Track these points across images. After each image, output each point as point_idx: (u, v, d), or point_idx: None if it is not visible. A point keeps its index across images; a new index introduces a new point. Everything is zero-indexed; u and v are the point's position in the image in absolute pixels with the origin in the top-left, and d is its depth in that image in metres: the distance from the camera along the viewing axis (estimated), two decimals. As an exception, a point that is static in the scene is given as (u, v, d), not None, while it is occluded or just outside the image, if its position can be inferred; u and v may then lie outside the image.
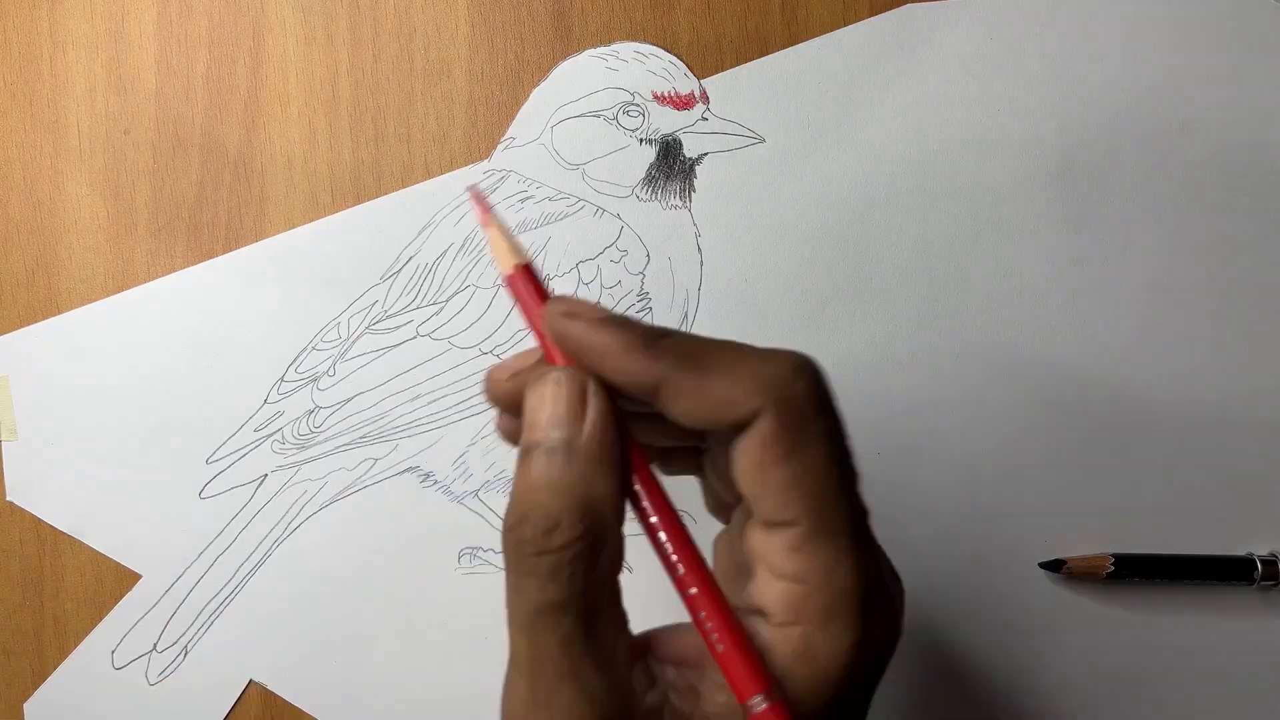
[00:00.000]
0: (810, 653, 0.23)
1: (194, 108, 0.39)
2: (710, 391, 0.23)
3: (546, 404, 0.24)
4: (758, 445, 0.23)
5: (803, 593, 0.23)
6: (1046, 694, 0.38)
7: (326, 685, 0.39)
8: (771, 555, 0.24)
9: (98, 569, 0.39)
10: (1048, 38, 0.38)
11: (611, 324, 0.24)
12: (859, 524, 0.24)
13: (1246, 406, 0.38)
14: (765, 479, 0.23)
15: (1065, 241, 0.38)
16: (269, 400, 0.39)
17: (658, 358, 0.24)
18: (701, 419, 0.24)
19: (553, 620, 0.23)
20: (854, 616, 0.23)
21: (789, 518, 0.23)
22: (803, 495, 0.23)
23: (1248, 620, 0.38)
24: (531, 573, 0.23)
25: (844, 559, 0.23)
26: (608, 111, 0.38)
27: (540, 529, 0.23)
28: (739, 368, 0.24)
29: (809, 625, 0.23)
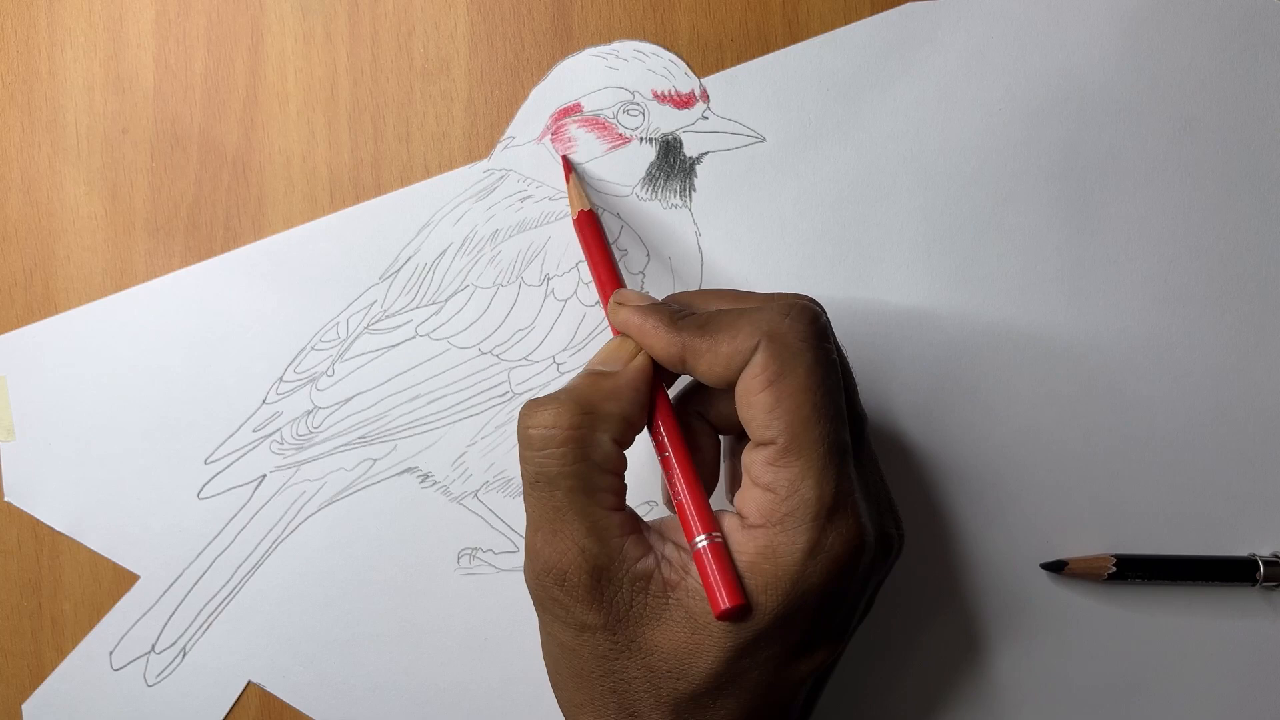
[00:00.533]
0: (771, 550, 0.28)
1: (192, 106, 0.39)
2: (721, 349, 0.29)
3: (611, 349, 0.32)
4: (749, 374, 0.29)
5: (772, 500, 0.28)
6: (1048, 695, 0.38)
7: (325, 686, 0.39)
8: (754, 467, 0.29)
9: (96, 569, 0.39)
10: (1049, 37, 0.38)
11: (646, 309, 0.31)
12: (829, 448, 0.28)
13: (1248, 406, 0.38)
14: (753, 402, 0.28)
15: (1066, 241, 0.38)
16: (268, 400, 0.39)
17: (679, 332, 0.30)
18: (720, 375, 0.29)
19: (547, 490, 0.29)
20: (810, 524, 0.28)
21: (770, 436, 0.28)
22: (781, 416, 0.28)
23: (1250, 621, 0.38)
24: (529, 444, 0.29)
25: (809, 474, 0.28)
26: (608, 111, 0.38)
27: (546, 411, 0.29)
28: (740, 323, 0.29)
29: (773, 528, 0.28)
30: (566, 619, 0.29)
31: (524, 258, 0.38)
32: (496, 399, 0.38)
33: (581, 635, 0.29)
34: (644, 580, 0.29)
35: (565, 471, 0.29)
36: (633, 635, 0.29)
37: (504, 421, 0.38)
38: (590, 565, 0.29)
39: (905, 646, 0.38)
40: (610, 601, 0.29)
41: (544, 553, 0.29)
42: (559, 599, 0.29)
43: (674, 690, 0.29)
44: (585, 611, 0.29)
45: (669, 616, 0.29)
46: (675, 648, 0.28)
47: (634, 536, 0.30)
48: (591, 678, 0.29)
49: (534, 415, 0.30)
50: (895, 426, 0.38)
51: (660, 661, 0.29)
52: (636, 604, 0.29)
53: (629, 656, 0.29)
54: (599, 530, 0.29)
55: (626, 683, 0.29)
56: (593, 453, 0.29)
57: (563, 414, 0.29)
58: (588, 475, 0.29)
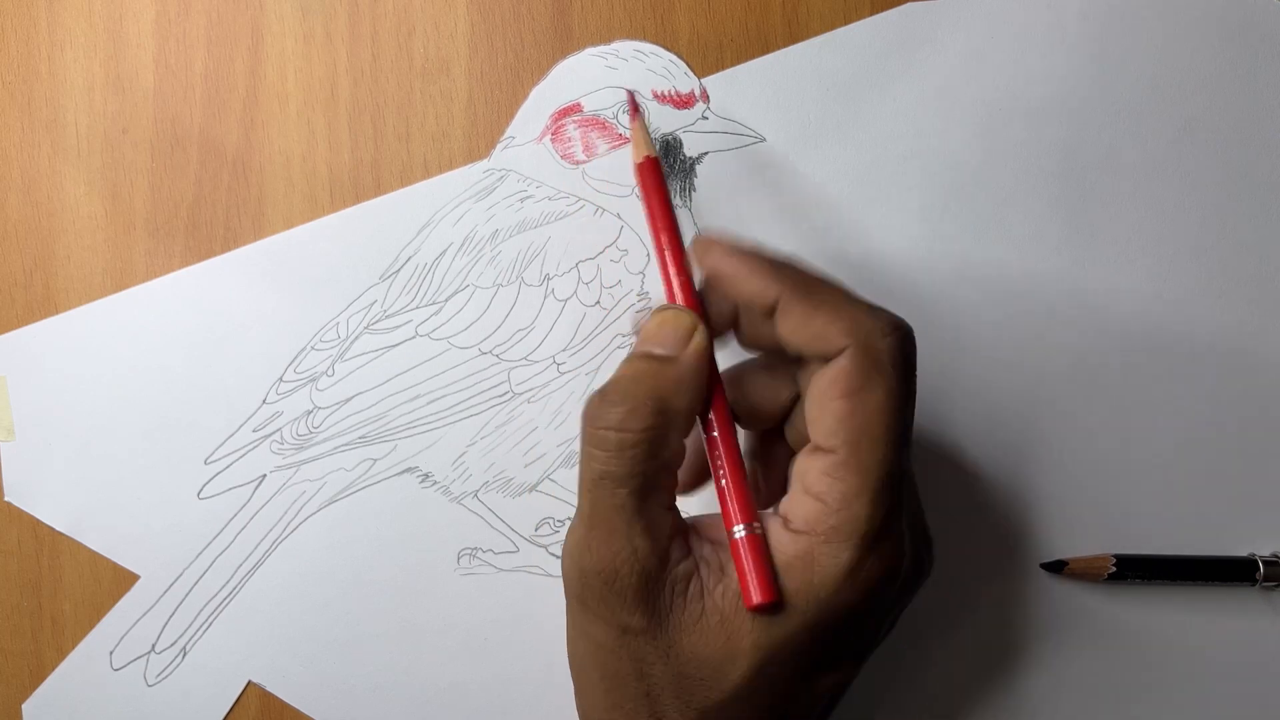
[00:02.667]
0: (809, 559, 0.27)
1: (192, 106, 0.39)
2: (815, 322, 0.28)
3: (666, 326, 0.30)
4: (830, 376, 0.28)
5: (821, 511, 0.28)
6: (1048, 695, 0.38)
7: (325, 686, 0.39)
8: (808, 474, 0.28)
9: (96, 569, 0.39)
10: (1049, 37, 0.38)
11: (743, 250, 0.30)
12: (890, 472, 0.28)
13: (1248, 407, 0.38)
14: (825, 406, 0.28)
15: (1066, 241, 0.38)
16: (268, 400, 0.39)
17: (779, 280, 0.29)
18: (798, 342, 0.29)
19: (612, 488, 0.28)
20: (856, 542, 0.27)
21: (833, 445, 0.28)
22: (850, 429, 0.27)
23: (1250, 621, 0.38)
24: (602, 445, 0.28)
25: (864, 493, 0.27)
26: (608, 110, 0.38)
27: (620, 410, 0.28)
28: (843, 310, 0.28)
29: (817, 538, 0.27)
30: (610, 619, 0.29)
31: (524, 258, 0.38)
32: (496, 399, 0.38)
33: (623, 638, 0.29)
34: (684, 583, 0.28)
35: (635, 472, 0.28)
36: (671, 640, 0.28)
37: (504, 421, 0.38)
38: (641, 567, 0.28)
39: (905, 646, 0.38)
40: (655, 605, 0.28)
41: (597, 550, 0.28)
42: (605, 598, 0.28)
43: (704, 699, 0.28)
44: (631, 614, 0.28)
45: (705, 622, 0.28)
46: (710, 655, 0.28)
47: (679, 538, 0.29)
48: (625, 681, 0.29)
49: (605, 415, 0.29)
50: (895, 426, 0.38)
51: (695, 669, 0.28)
52: (676, 608, 0.28)
53: (665, 662, 0.28)
54: (654, 531, 0.28)
55: (659, 689, 0.29)
56: (663, 452, 0.29)
57: (637, 416, 0.28)
58: (654, 475, 0.28)
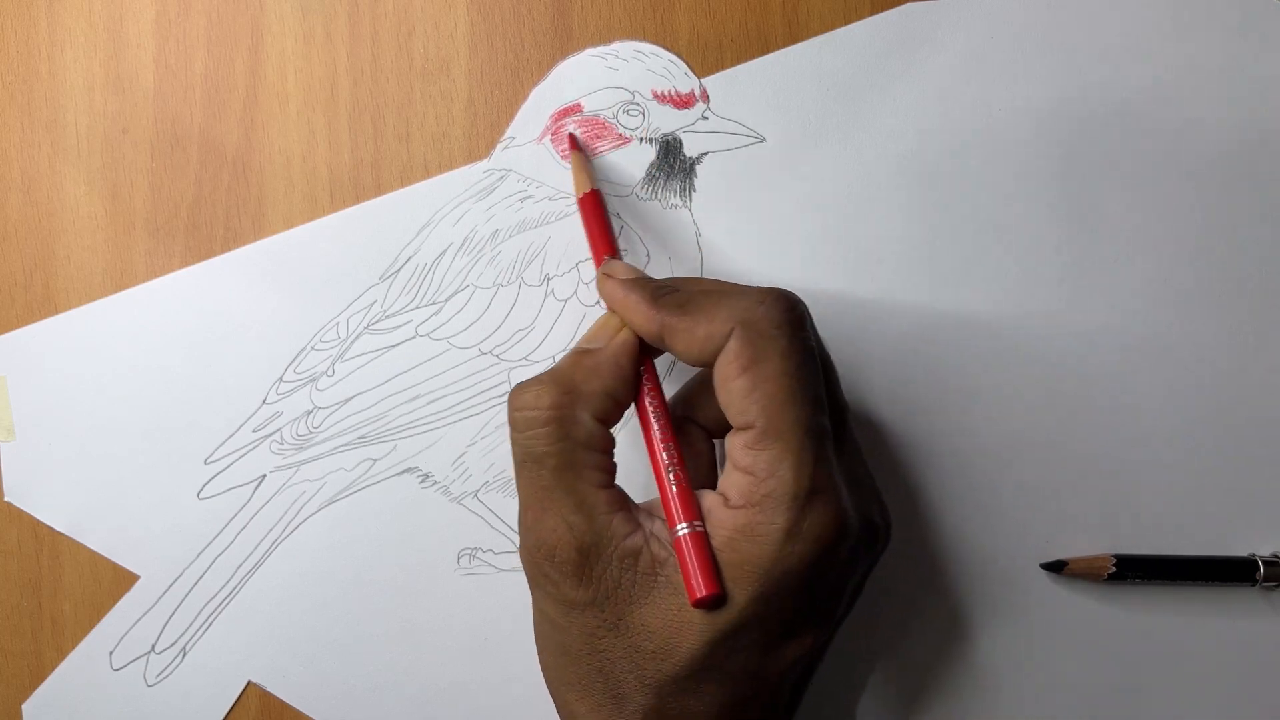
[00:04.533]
0: (750, 530, 0.28)
1: (192, 106, 0.39)
2: (697, 330, 0.30)
3: (597, 326, 0.32)
4: (724, 361, 0.29)
5: (751, 482, 0.29)
6: (1047, 695, 0.38)
7: (325, 686, 0.39)
8: (734, 451, 0.29)
9: (96, 569, 0.39)
10: (1049, 37, 0.38)
11: (631, 283, 0.32)
12: (806, 431, 0.28)
13: (1248, 406, 0.38)
14: (731, 388, 0.29)
15: (1066, 241, 0.38)
16: (267, 400, 0.39)
17: (659, 310, 0.31)
18: (694, 355, 0.30)
19: (534, 469, 0.30)
20: (788, 505, 0.28)
21: (748, 421, 0.29)
22: (758, 400, 0.28)
23: (1250, 621, 0.38)
24: (515, 426, 0.30)
25: (786, 457, 0.28)
26: (608, 111, 0.38)
27: (529, 391, 0.30)
28: (719, 307, 0.30)
29: (752, 509, 0.28)
30: (556, 595, 0.30)
31: (524, 258, 0.38)
32: (496, 399, 0.38)
33: (570, 612, 0.30)
34: (632, 557, 0.29)
35: (550, 450, 0.30)
36: (620, 613, 0.29)
37: (504, 422, 0.38)
38: (578, 542, 0.29)
39: (905, 647, 0.38)
40: (599, 579, 0.29)
41: (534, 530, 0.30)
42: (549, 575, 0.30)
43: (658, 671, 0.29)
44: (574, 588, 0.29)
45: (656, 595, 0.29)
46: (660, 626, 0.29)
47: (622, 514, 0.30)
48: (579, 656, 0.30)
49: (518, 397, 0.30)
50: (895, 426, 0.38)
51: (645, 641, 0.29)
52: (625, 581, 0.29)
53: (615, 635, 0.29)
54: (585, 507, 0.29)
55: (612, 662, 0.29)
56: (576, 431, 0.30)
57: (544, 394, 0.30)
58: (572, 453, 0.30)
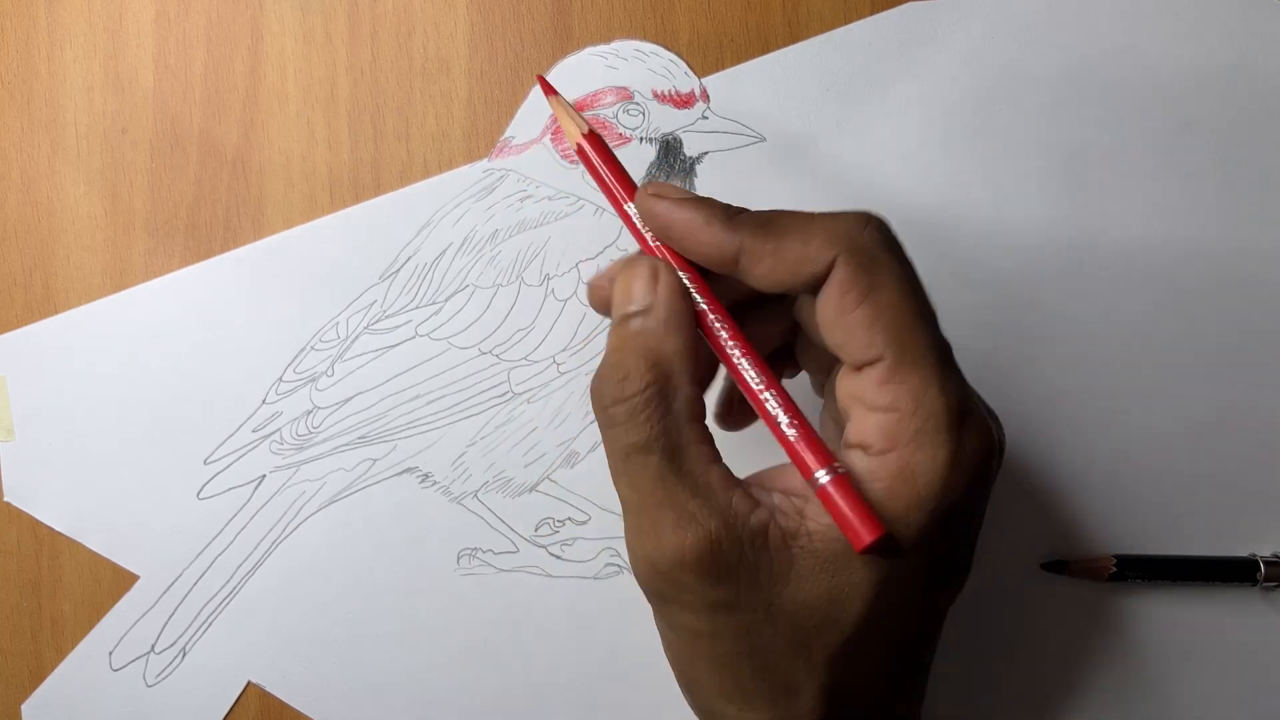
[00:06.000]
0: (908, 472, 0.25)
1: (192, 106, 0.39)
2: (787, 252, 0.26)
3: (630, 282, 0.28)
4: (836, 293, 0.26)
5: (896, 419, 0.25)
6: (1048, 695, 0.38)
7: (325, 686, 0.39)
8: (864, 392, 0.26)
9: (95, 570, 0.39)
10: (1049, 36, 0.38)
11: (694, 202, 0.28)
12: (942, 352, 0.26)
13: (1248, 406, 0.38)
14: (847, 323, 0.26)
15: (1067, 241, 0.38)
16: (267, 400, 0.39)
17: (737, 228, 0.27)
18: (781, 279, 0.26)
19: (640, 459, 0.26)
20: (946, 434, 0.25)
21: (875, 354, 0.26)
22: (884, 330, 0.25)
23: (1250, 621, 0.38)
24: (612, 422, 0.27)
25: (931, 382, 0.25)
26: (608, 110, 0.38)
27: (615, 380, 0.27)
28: (810, 228, 0.26)
29: (905, 447, 0.25)
30: (695, 602, 0.26)
31: (524, 258, 0.38)
32: (496, 399, 0.38)
33: (716, 616, 0.26)
34: (762, 535, 0.26)
35: (655, 434, 0.26)
36: (769, 600, 0.26)
37: (504, 421, 0.38)
38: (705, 533, 0.25)
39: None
40: (737, 570, 0.26)
41: (653, 531, 0.26)
42: (684, 581, 0.26)
43: (827, 646, 0.26)
44: (713, 588, 0.26)
45: (800, 568, 0.26)
46: (818, 599, 0.26)
47: (738, 490, 0.26)
48: (734, 661, 0.26)
49: (604, 392, 0.27)
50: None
51: (805, 619, 0.26)
52: (763, 564, 0.26)
53: (770, 624, 0.26)
54: (704, 489, 0.26)
55: (774, 655, 0.26)
56: (678, 403, 0.27)
57: (633, 378, 0.26)
58: (679, 430, 0.26)
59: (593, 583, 0.38)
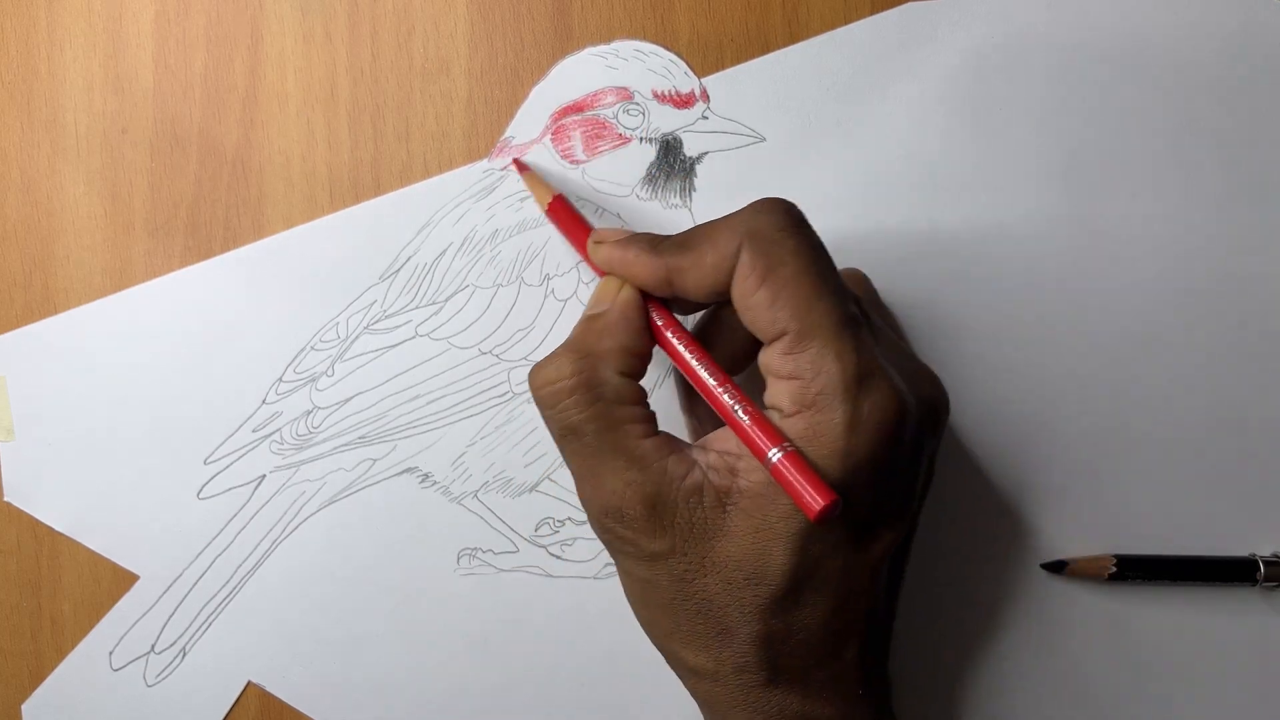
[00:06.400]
0: (813, 432, 0.28)
1: (192, 106, 0.39)
2: (705, 260, 0.29)
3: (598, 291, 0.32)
4: (740, 277, 0.29)
5: (800, 386, 0.28)
6: (1048, 695, 0.38)
7: (325, 686, 0.39)
8: (773, 363, 0.29)
9: (95, 569, 0.39)
10: (1049, 37, 0.38)
11: (625, 241, 0.32)
12: (838, 320, 0.28)
13: (1248, 406, 0.38)
14: (752, 303, 0.29)
15: (1067, 241, 0.38)
16: (267, 400, 0.39)
17: (661, 253, 0.30)
18: (707, 286, 0.30)
19: (575, 440, 0.30)
20: (843, 396, 0.28)
21: (780, 329, 0.28)
22: (784, 305, 0.28)
23: (1251, 621, 0.38)
24: (544, 404, 0.30)
25: (827, 350, 0.28)
26: (608, 110, 0.38)
27: (545, 369, 0.30)
28: (718, 231, 0.29)
29: (809, 410, 0.28)
30: (636, 553, 0.30)
31: (524, 258, 0.38)
32: (496, 399, 0.38)
33: (655, 565, 0.30)
34: (696, 494, 0.29)
35: (585, 416, 0.30)
36: (702, 552, 0.29)
37: (504, 421, 0.38)
38: (640, 494, 0.29)
39: (905, 647, 0.38)
40: (671, 524, 0.29)
41: (595, 498, 0.30)
42: (623, 535, 0.30)
43: (757, 596, 0.29)
44: (650, 540, 0.29)
45: (730, 523, 0.29)
46: (746, 553, 0.29)
47: (674, 455, 0.30)
48: (675, 604, 0.30)
49: (539, 374, 0.31)
50: (895, 426, 0.38)
51: (735, 571, 0.29)
52: (697, 519, 0.29)
53: (704, 573, 0.29)
54: (637, 459, 0.29)
55: (709, 600, 0.29)
56: (603, 391, 0.30)
57: (563, 365, 0.30)
58: (607, 413, 0.30)
59: (593, 583, 0.38)
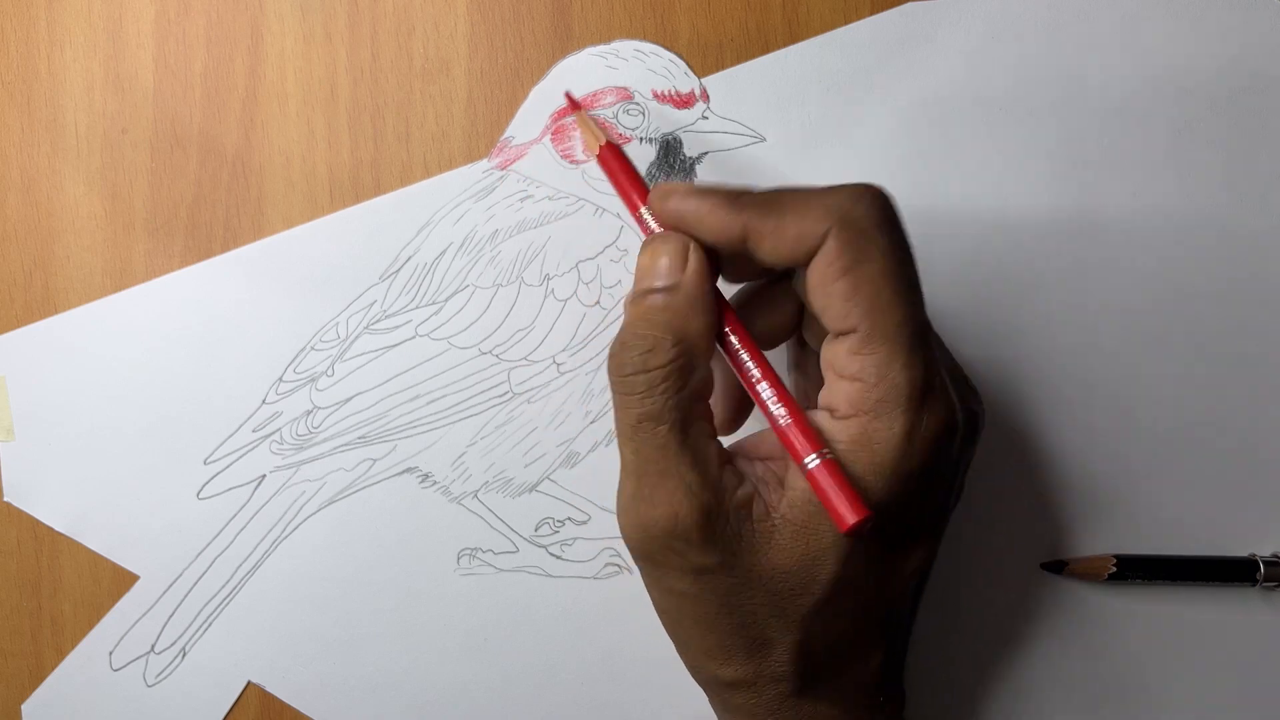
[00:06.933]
0: (866, 439, 0.27)
1: (192, 106, 0.39)
2: (787, 229, 0.28)
3: (658, 258, 0.29)
4: (823, 263, 0.28)
5: (861, 389, 0.27)
6: (1048, 695, 0.38)
7: (325, 686, 0.39)
8: (837, 359, 0.28)
9: (95, 570, 0.39)
10: (1049, 37, 0.38)
11: (700, 191, 0.30)
12: (913, 330, 0.27)
13: (1248, 406, 0.38)
14: (829, 291, 0.28)
15: (1067, 241, 0.38)
16: (267, 400, 0.39)
17: (741, 210, 0.29)
18: (784, 255, 0.28)
19: (650, 429, 0.28)
20: (905, 407, 0.27)
21: (851, 324, 0.27)
22: (861, 303, 0.27)
23: (1250, 621, 0.38)
24: (631, 390, 0.28)
25: (896, 358, 0.27)
26: (608, 111, 0.38)
27: (639, 352, 0.28)
28: (809, 204, 0.28)
29: (866, 416, 0.27)
30: (682, 566, 0.28)
31: (524, 258, 0.38)
32: (496, 399, 0.38)
33: (700, 579, 0.28)
34: (747, 508, 0.28)
35: (669, 407, 0.28)
36: (750, 566, 0.28)
37: (504, 422, 0.38)
38: (699, 504, 0.28)
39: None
40: (722, 538, 0.28)
41: (651, 498, 0.28)
42: (673, 547, 0.28)
43: (801, 606, 0.28)
44: (701, 554, 0.28)
45: (779, 537, 0.28)
46: (794, 564, 0.28)
47: (729, 466, 0.29)
48: (715, 619, 0.29)
49: (628, 361, 0.29)
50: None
51: (782, 583, 0.28)
52: (746, 533, 0.28)
53: (750, 588, 0.28)
54: (702, 462, 0.28)
55: (753, 614, 0.28)
56: (692, 381, 0.29)
57: (659, 351, 0.28)
58: (689, 405, 0.28)
59: (593, 583, 0.38)
